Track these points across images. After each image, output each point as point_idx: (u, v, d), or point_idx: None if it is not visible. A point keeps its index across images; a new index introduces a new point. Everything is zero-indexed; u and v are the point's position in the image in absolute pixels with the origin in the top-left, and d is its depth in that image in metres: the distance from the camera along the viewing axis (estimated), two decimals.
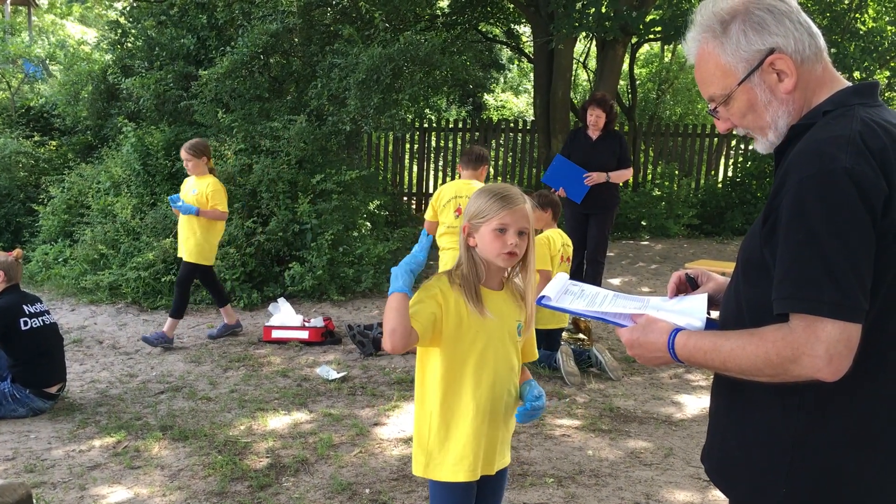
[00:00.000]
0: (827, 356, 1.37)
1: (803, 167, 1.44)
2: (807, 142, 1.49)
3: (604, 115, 6.75)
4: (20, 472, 3.86)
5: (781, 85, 1.58)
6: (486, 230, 2.18)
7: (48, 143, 10.65)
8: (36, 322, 4.64)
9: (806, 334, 1.39)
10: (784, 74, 1.57)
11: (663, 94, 16.81)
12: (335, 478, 3.81)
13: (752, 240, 1.58)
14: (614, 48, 10.86)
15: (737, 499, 1.68)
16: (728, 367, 1.52)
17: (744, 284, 1.60)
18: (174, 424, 4.50)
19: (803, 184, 1.42)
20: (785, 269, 1.43)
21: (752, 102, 1.62)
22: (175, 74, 9.11)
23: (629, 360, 5.77)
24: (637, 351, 1.69)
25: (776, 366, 1.43)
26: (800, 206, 1.42)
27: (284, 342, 6.13)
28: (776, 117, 1.61)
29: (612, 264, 9.35)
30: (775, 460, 1.55)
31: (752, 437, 1.60)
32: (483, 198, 2.22)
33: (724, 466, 1.69)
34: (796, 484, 1.53)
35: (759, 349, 1.45)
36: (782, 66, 1.57)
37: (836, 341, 1.37)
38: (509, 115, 19.07)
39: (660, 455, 4.15)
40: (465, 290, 2.20)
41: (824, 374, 1.39)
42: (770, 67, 1.58)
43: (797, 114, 1.60)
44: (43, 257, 8.41)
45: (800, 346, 1.39)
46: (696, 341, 1.58)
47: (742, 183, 11.82)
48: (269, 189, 7.80)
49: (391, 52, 8.11)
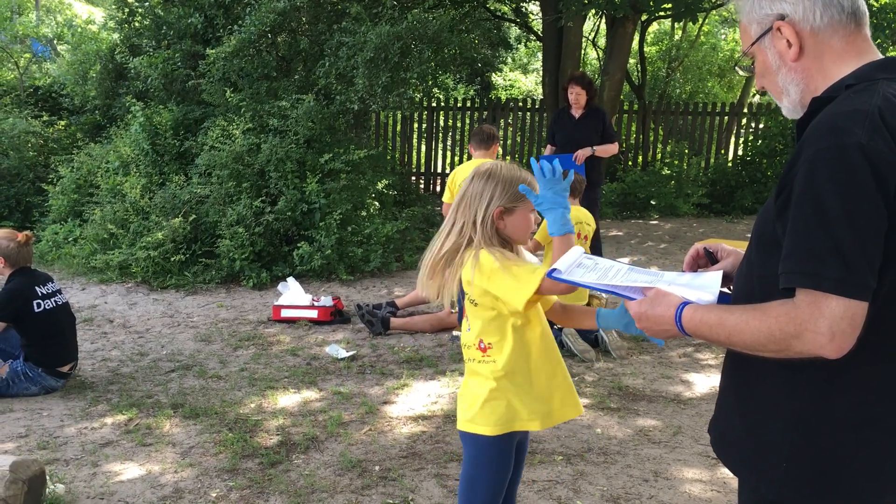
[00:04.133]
0: (830, 333, 1.36)
1: (818, 140, 1.42)
2: (824, 115, 1.47)
3: (584, 93, 6.79)
4: (33, 450, 3.90)
5: (789, 52, 1.58)
6: (522, 213, 2.23)
7: (57, 123, 10.66)
8: (49, 303, 4.66)
9: (810, 310, 1.38)
10: (790, 43, 1.58)
11: (673, 73, 16.68)
12: (345, 455, 3.84)
13: (765, 214, 1.57)
14: (624, 26, 10.76)
15: (737, 471, 1.69)
16: (733, 342, 1.52)
17: (756, 259, 1.59)
18: (185, 402, 4.54)
19: (816, 157, 1.40)
20: (792, 243, 1.41)
21: (766, 65, 1.64)
22: (183, 53, 9.08)
23: (637, 339, 5.77)
24: (645, 324, 1.68)
25: (779, 341, 1.42)
26: (810, 180, 1.40)
27: (293, 321, 6.15)
28: (786, 84, 1.61)
29: (621, 244, 9.33)
30: (777, 436, 1.55)
31: (756, 412, 1.60)
32: (523, 176, 2.25)
33: (726, 439, 1.70)
34: (797, 461, 1.53)
35: (762, 324, 1.44)
36: (787, 33, 1.57)
37: (839, 318, 1.36)
38: (518, 94, 18.97)
39: (668, 433, 4.16)
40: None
41: (827, 351, 1.38)
42: (779, 33, 1.58)
43: (810, 84, 1.59)
44: (53, 237, 8.45)
45: (803, 322, 1.38)
46: (702, 315, 1.57)
47: (752, 162, 11.74)
48: (277, 168, 7.79)
49: (399, 30, 8.06)
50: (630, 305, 1.73)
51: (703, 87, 17.57)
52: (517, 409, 2.26)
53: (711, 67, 17.97)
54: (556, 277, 1.84)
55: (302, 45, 9.14)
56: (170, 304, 6.72)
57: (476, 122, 12.82)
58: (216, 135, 8.05)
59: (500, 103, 13.25)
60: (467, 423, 2.31)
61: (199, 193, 7.75)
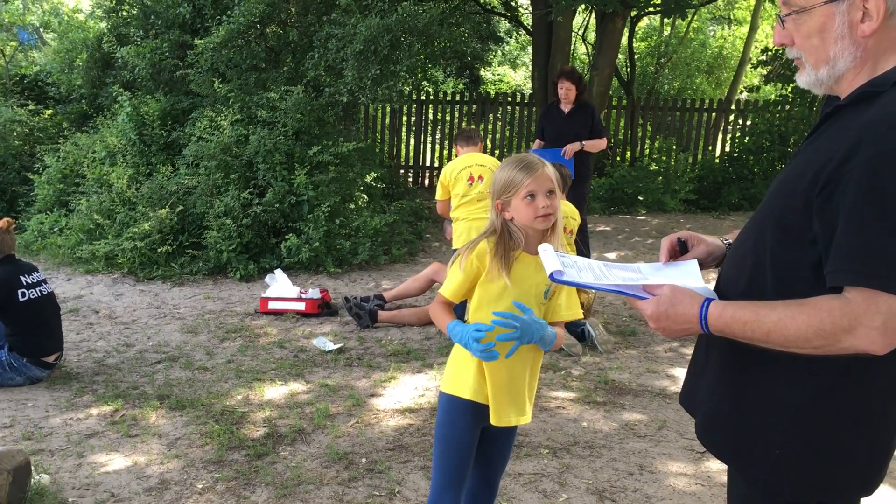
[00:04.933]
0: (884, 328, 1.37)
1: (881, 141, 1.38)
2: (882, 113, 1.42)
3: (574, 88, 6.82)
4: (18, 440, 3.88)
5: (862, 26, 1.48)
6: (517, 201, 2.31)
7: (43, 112, 10.58)
8: (33, 293, 4.63)
9: (866, 305, 1.37)
10: (868, 17, 1.48)
11: (662, 69, 16.73)
12: (332, 447, 3.84)
13: (786, 199, 1.53)
14: (613, 21, 10.78)
15: (727, 459, 1.68)
16: (771, 339, 1.48)
17: (773, 243, 1.55)
18: (171, 394, 4.52)
19: (881, 158, 1.37)
20: (850, 242, 1.39)
21: (826, 28, 1.52)
22: (171, 43, 9.03)
23: (624, 333, 5.80)
24: (663, 323, 1.63)
25: (829, 335, 1.41)
26: (874, 181, 1.37)
27: (281, 313, 6.14)
28: (839, 55, 1.53)
29: (608, 239, 9.36)
30: (772, 425, 1.55)
31: (751, 400, 1.60)
32: (506, 172, 2.34)
33: (713, 424, 1.69)
34: (792, 450, 1.54)
35: (812, 318, 1.42)
36: (872, 7, 1.47)
37: (894, 315, 1.37)
38: (507, 88, 18.96)
39: (654, 427, 4.19)
40: (498, 255, 2.33)
41: (877, 346, 1.39)
42: (861, 1, 1.48)
43: (861, 65, 1.53)
44: (38, 227, 8.39)
45: (859, 317, 1.38)
46: (733, 312, 1.54)
47: (739, 158, 11.79)
48: (265, 160, 7.77)
49: (389, 22, 8.04)
50: (644, 306, 1.66)
51: (691, 83, 17.63)
52: (468, 379, 2.40)
53: (700, 64, 18.04)
54: (559, 280, 1.80)
55: (291, 36, 9.11)
56: (156, 296, 6.69)
57: (465, 115, 12.81)
58: (204, 125, 8.02)
59: (489, 97, 13.24)
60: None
61: (186, 184, 7.72)
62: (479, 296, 2.38)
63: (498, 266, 2.32)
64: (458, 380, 2.42)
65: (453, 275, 2.38)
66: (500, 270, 2.31)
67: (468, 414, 2.41)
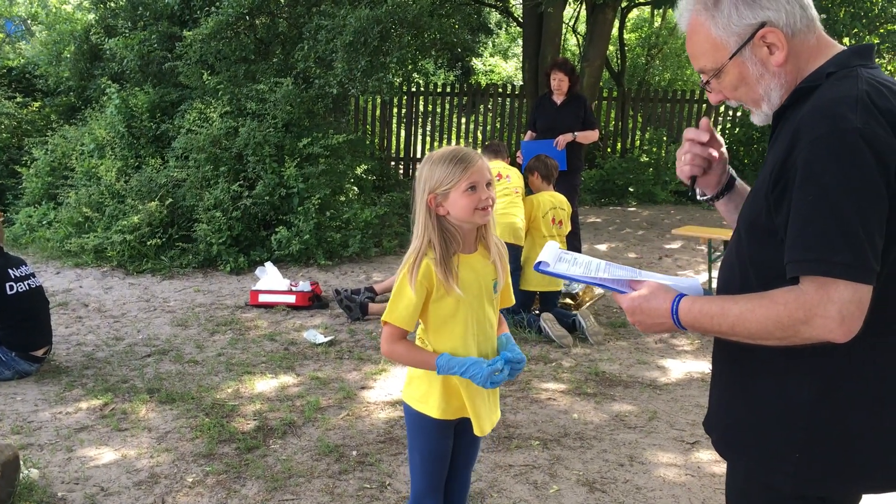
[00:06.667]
0: (839, 317, 1.37)
1: (814, 128, 1.42)
2: (815, 103, 1.47)
3: (566, 79, 6.82)
4: (7, 434, 3.86)
5: (773, 58, 1.57)
6: (456, 195, 2.22)
7: (30, 105, 10.50)
8: (22, 286, 4.61)
9: (818, 295, 1.38)
10: (775, 48, 1.56)
11: (652, 60, 16.73)
12: (322, 440, 3.84)
13: (755, 203, 1.57)
14: (604, 12, 10.78)
15: (746, 467, 1.65)
16: (736, 331, 1.51)
17: (749, 246, 1.58)
18: (161, 387, 4.51)
19: (815, 144, 1.41)
20: (797, 232, 1.41)
21: (744, 76, 1.61)
22: (159, 35, 8.98)
23: (614, 325, 5.82)
24: (638, 317, 1.67)
25: (787, 328, 1.42)
26: (810, 167, 1.40)
27: (271, 306, 6.13)
28: (769, 90, 1.60)
29: (599, 230, 9.38)
30: (788, 426, 1.55)
31: (763, 403, 1.59)
32: (442, 166, 2.24)
33: (733, 435, 1.67)
34: (810, 448, 1.53)
35: (769, 311, 1.44)
36: (773, 39, 1.56)
37: (848, 302, 1.37)
38: (497, 79, 18.93)
39: (644, 418, 4.20)
40: (441, 268, 2.23)
41: (836, 336, 1.39)
42: (761, 41, 1.56)
43: (790, 85, 1.59)
44: (27, 220, 8.34)
45: (812, 308, 1.39)
46: (701, 306, 1.56)
47: (729, 149, 11.74)
48: (255, 152, 7.74)
49: (379, 13, 8.01)
50: (621, 299, 1.70)
51: (681, 74, 17.62)
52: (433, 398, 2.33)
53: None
54: (544, 270, 1.83)
55: (280, 27, 9.07)
56: (146, 289, 6.67)
57: (456, 107, 12.79)
58: (193, 118, 7.98)
59: (479, 89, 13.22)
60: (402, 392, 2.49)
61: (175, 177, 7.69)
62: (434, 315, 2.27)
63: (446, 281, 2.22)
64: (424, 398, 2.34)
65: (401, 300, 2.23)
66: (449, 284, 2.22)
67: (439, 428, 2.37)
